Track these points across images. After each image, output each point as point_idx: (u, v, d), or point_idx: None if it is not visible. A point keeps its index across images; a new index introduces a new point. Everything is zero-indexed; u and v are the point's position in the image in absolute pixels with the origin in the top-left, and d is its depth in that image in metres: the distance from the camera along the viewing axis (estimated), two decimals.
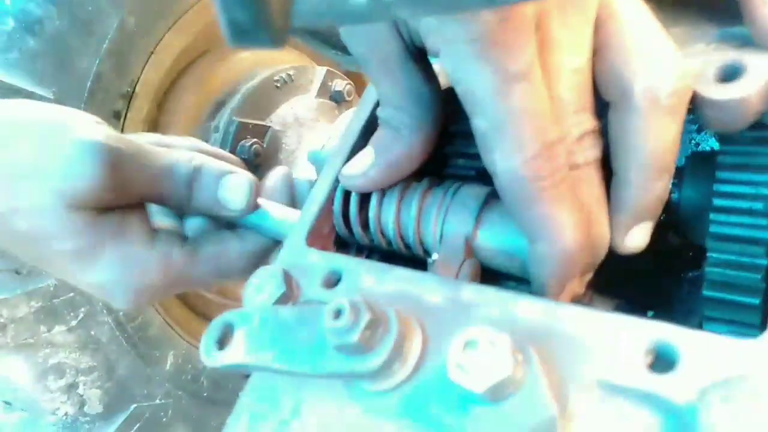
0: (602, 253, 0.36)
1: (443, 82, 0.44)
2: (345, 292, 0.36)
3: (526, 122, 0.31)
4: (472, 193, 0.39)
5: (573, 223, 0.32)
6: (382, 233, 0.42)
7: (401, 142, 0.39)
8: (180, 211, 0.54)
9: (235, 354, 0.32)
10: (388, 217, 0.41)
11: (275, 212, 0.54)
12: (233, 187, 0.51)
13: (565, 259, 0.33)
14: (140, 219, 0.51)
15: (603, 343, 0.27)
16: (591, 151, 0.34)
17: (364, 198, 0.42)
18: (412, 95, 0.38)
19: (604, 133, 0.35)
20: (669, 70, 0.32)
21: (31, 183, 0.45)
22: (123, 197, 0.49)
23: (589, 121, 0.34)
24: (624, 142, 0.34)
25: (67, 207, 0.46)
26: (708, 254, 0.39)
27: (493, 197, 0.39)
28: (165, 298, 0.52)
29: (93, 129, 0.47)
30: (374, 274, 0.35)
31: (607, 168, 0.35)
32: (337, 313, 0.28)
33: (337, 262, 0.37)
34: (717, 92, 0.32)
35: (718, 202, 0.38)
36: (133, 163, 0.48)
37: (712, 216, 0.38)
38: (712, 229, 0.38)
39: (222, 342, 0.33)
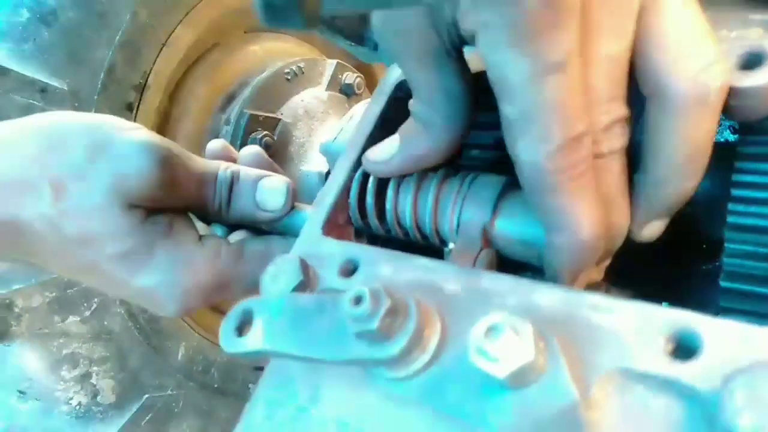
0: (620, 240, 0.36)
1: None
2: (362, 280, 0.36)
3: (555, 114, 0.30)
4: (490, 182, 0.39)
5: (591, 216, 0.32)
6: (399, 223, 0.42)
7: (429, 138, 0.39)
8: (219, 218, 0.54)
9: (254, 341, 0.32)
10: (405, 207, 0.41)
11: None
12: (270, 188, 0.53)
13: (581, 251, 0.33)
14: (187, 221, 0.52)
15: (624, 331, 0.27)
16: (618, 140, 0.33)
17: (381, 188, 0.42)
18: (444, 93, 0.37)
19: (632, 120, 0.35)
20: (713, 70, 0.31)
21: (83, 184, 0.45)
22: (171, 198, 0.49)
23: (619, 110, 0.33)
24: (658, 139, 0.33)
25: (119, 206, 0.46)
26: (725, 245, 0.38)
27: (510, 186, 0.39)
28: (208, 304, 0.51)
29: (140, 130, 0.49)
30: (392, 263, 0.35)
31: (630, 155, 0.35)
32: (358, 300, 0.28)
33: (354, 251, 0.37)
34: (739, 80, 0.31)
35: (736, 192, 0.38)
36: (181, 164, 0.49)
37: (730, 206, 0.38)
38: (730, 219, 0.38)
39: (241, 329, 0.33)
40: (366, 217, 0.43)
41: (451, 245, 0.39)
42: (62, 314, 0.87)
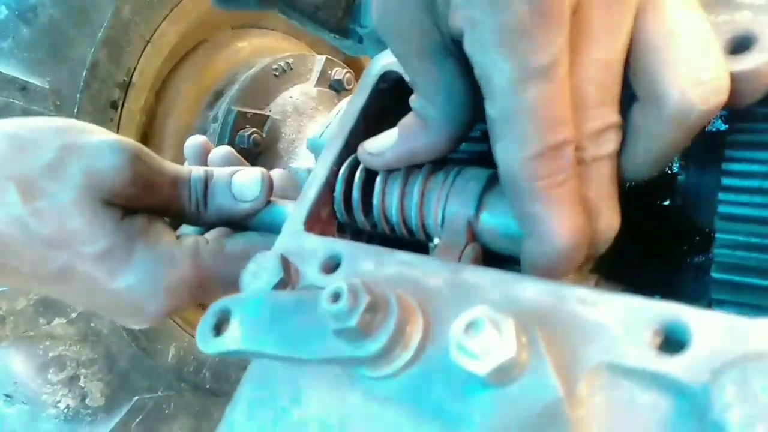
0: (605, 246, 0.35)
1: None
2: (344, 276, 0.35)
3: (534, 121, 0.30)
4: (474, 175, 0.38)
5: (568, 226, 0.31)
6: (386, 217, 0.41)
7: (428, 133, 0.38)
8: (197, 220, 0.54)
9: (232, 340, 0.31)
10: (392, 201, 0.40)
11: (289, 209, 0.54)
12: (245, 179, 0.52)
13: (552, 259, 0.32)
14: (164, 222, 0.51)
15: (610, 325, 0.26)
16: (607, 146, 0.32)
17: (367, 183, 0.42)
18: (444, 90, 0.37)
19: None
20: (705, 89, 0.30)
21: (55, 182, 0.44)
22: (145, 197, 0.48)
23: (610, 116, 0.32)
24: (640, 135, 0.33)
25: (95, 203, 0.45)
26: (716, 235, 0.38)
27: (495, 179, 0.38)
28: (190, 304, 0.49)
29: (109, 133, 0.48)
30: (374, 258, 0.34)
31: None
32: (336, 297, 0.27)
33: (336, 247, 0.37)
34: (728, 64, 0.31)
35: (727, 181, 0.37)
36: (153, 163, 0.49)
37: (720, 196, 0.37)
38: (721, 209, 0.37)
39: (219, 328, 0.32)
40: (351, 212, 0.42)
41: (436, 240, 0.38)
42: (48, 316, 0.85)
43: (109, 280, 0.46)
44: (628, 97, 0.33)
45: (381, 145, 0.40)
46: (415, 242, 0.42)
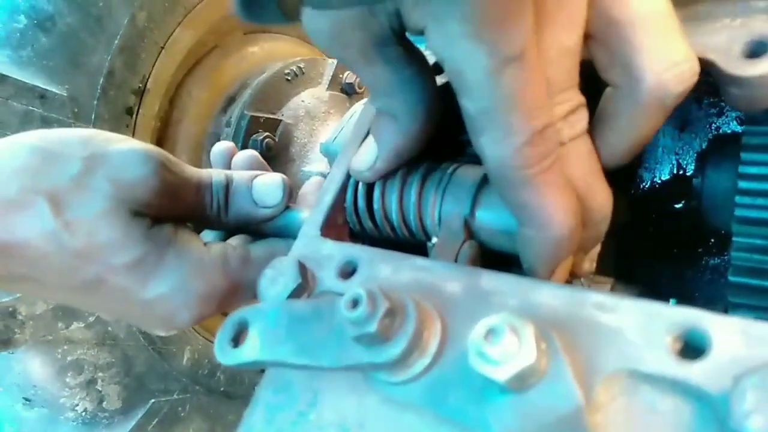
0: (604, 224, 0.35)
1: None
2: (361, 282, 0.35)
3: (517, 109, 0.29)
4: (469, 173, 0.38)
5: (562, 209, 0.31)
6: (388, 221, 0.41)
7: (399, 129, 0.38)
8: (219, 224, 0.54)
9: (250, 351, 0.32)
10: (391, 204, 0.40)
11: (304, 214, 0.54)
12: (266, 184, 0.53)
13: (553, 243, 0.32)
14: (190, 229, 0.51)
15: (629, 331, 0.26)
16: (578, 125, 0.33)
17: (370, 190, 0.42)
18: (398, 81, 0.36)
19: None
20: (679, 71, 0.30)
21: (84, 193, 0.43)
22: (171, 205, 0.48)
23: (576, 97, 0.33)
24: (615, 122, 0.33)
25: (124, 213, 0.44)
26: (733, 239, 0.37)
27: None
28: (218, 311, 0.49)
29: (133, 140, 0.48)
30: (390, 264, 0.34)
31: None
32: (355, 303, 0.28)
33: (353, 252, 0.37)
34: (743, 69, 0.31)
35: (743, 184, 0.37)
36: (177, 170, 0.49)
37: (737, 199, 0.37)
38: (738, 212, 0.37)
39: (237, 339, 0.33)
40: (360, 220, 0.43)
41: (434, 239, 0.38)
42: (66, 321, 0.86)
43: (141, 290, 0.45)
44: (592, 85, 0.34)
45: (367, 159, 0.40)
46: (418, 243, 0.42)
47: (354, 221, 0.43)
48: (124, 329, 0.92)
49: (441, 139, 0.41)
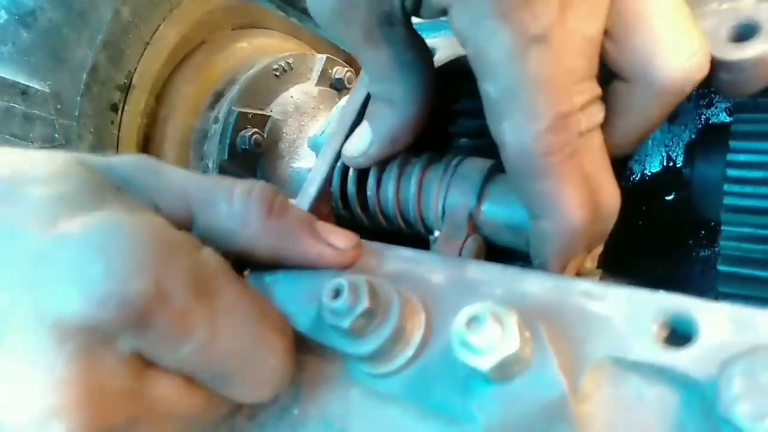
0: (611, 221, 0.34)
1: (439, 57, 0.43)
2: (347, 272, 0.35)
3: (542, 91, 0.29)
4: (475, 166, 0.38)
5: (580, 200, 0.31)
6: (382, 211, 0.41)
7: (396, 114, 0.38)
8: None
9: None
10: (388, 194, 0.40)
11: None
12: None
13: (570, 237, 0.32)
14: None
15: (615, 318, 0.26)
16: (595, 117, 0.32)
17: (362, 176, 0.41)
18: (399, 64, 0.36)
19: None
20: (697, 60, 0.30)
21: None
22: None
23: (595, 89, 0.32)
24: (630, 113, 0.33)
25: (69, 159, 0.31)
26: (722, 228, 0.37)
27: (497, 170, 0.38)
28: None
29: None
30: (375, 254, 0.34)
31: None
32: (336, 293, 0.27)
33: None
34: (731, 52, 0.30)
35: (731, 172, 0.37)
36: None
37: (726, 187, 0.37)
38: (727, 201, 0.37)
39: None
40: (349, 207, 0.42)
41: (436, 233, 0.38)
42: None
43: (42, 232, 0.27)
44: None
45: (360, 144, 0.40)
46: (414, 235, 0.41)
47: (339, 206, 0.42)
48: None
49: (430, 129, 0.40)
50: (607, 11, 0.31)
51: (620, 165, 0.54)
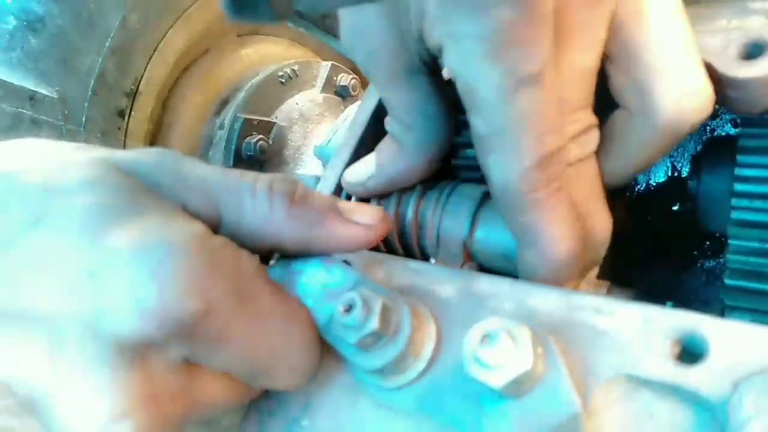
0: (603, 248, 0.34)
1: None
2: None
3: (529, 131, 0.29)
4: (467, 194, 0.38)
5: (566, 234, 0.31)
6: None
7: (404, 157, 0.38)
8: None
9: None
10: None
11: None
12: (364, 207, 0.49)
13: (557, 267, 0.32)
14: None
15: (627, 335, 0.26)
16: (588, 146, 0.33)
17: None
18: (418, 112, 0.36)
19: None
20: (696, 100, 0.30)
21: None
22: None
23: (588, 118, 0.32)
24: (626, 144, 0.33)
25: (109, 166, 0.31)
26: (729, 241, 0.37)
27: (488, 198, 0.38)
28: None
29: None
30: (385, 267, 0.34)
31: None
32: (349, 308, 0.27)
33: (347, 255, 0.36)
34: (740, 70, 0.30)
35: (739, 187, 0.37)
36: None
37: (733, 202, 0.37)
38: (734, 215, 0.37)
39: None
40: None
41: (432, 261, 0.38)
42: None
43: (88, 244, 0.27)
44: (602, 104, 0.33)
45: (361, 174, 0.40)
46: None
47: None
48: None
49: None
50: (606, 40, 0.31)
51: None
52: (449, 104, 0.37)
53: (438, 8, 0.30)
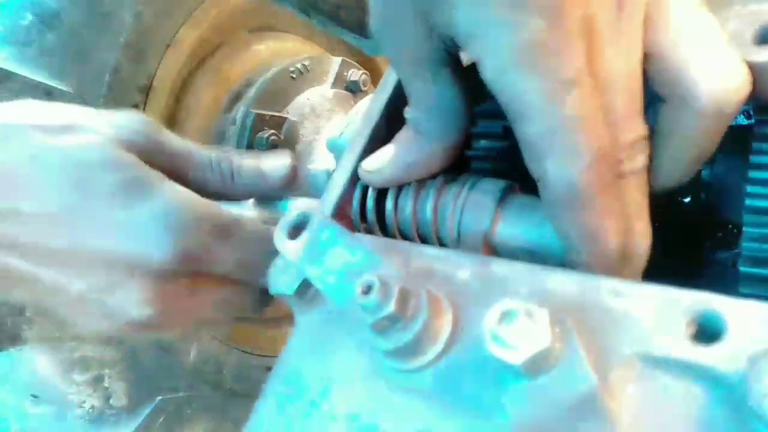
0: (641, 263, 0.34)
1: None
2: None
3: (582, 130, 0.30)
4: (489, 188, 0.38)
5: (616, 234, 0.31)
6: (399, 229, 0.41)
7: (423, 146, 0.38)
8: (220, 198, 0.52)
9: (293, 253, 0.35)
10: (405, 214, 0.40)
11: (304, 203, 0.55)
12: (274, 157, 0.55)
13: (601, 269, 0.32)
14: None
15: (643, 315, 0.26)
16: (639, 159, 0.33)
17: (381, 194, 0.42)
18: (441, 103, 0.37)
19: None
20: (734, 81, 0.31)
21: (79, 129, 0.44)
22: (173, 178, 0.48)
23: (639, 128, 0.32)
24: (675, 137, 0.33)
25: (118, 144, 0.44)
26: (744, 229, 0.37)
27: (510, 191, 0.38)
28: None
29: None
30: (402, 253, 0.34)
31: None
32: (368, 289, 0.28)
33: (363, 242, 0.37)
34: (755, 54, 0.31)
35: (754, 174, 0.37)
36: (169, 140, 0.51)
37: (748, 188, 0.37)
38: (749, 202, 0.37)
39: (294, 233, 0.36)
40: (366, 221, 0.42)
41: None
42: None
43: (127, 212, 0.43)
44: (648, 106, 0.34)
45: (379, 163, 0.40)
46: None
47: (357, 219, 0.43)
48: None
49: None
50: (641, 43, 0.32)
51: None
52: (469, 94, 0.38)
53: (468, 24, 0.31)
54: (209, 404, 1.06)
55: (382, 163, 0.40)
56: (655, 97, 0.33)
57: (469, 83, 0.37)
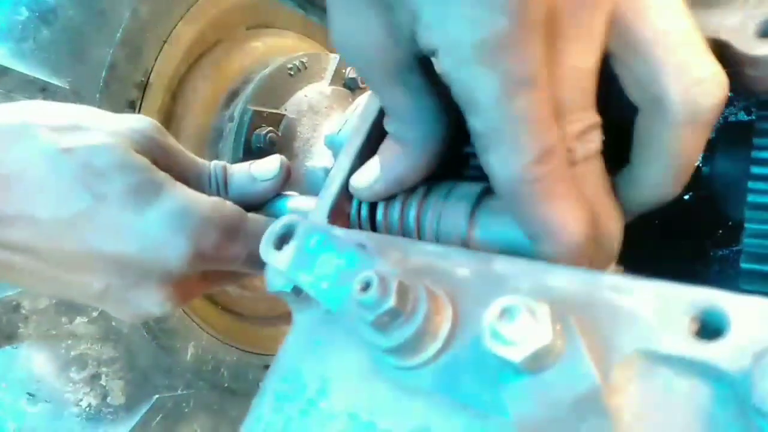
0: (615, 243, 0.34)
1: None
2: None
3: (526, 129, 0.29)
4: (464, 193, 0.38)
5: (576, 219, 0.31)
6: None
7: (406, 159, 0.38)
8: None
9: (282, 261, 0.34)
10: (392, 224, 0.40)
11: (300, 201, 0.55)
12: (265, 160, 0.56)
13: (571, 256, 0.32)
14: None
15: (645, 312, 0.26)
16: (591, 145, 0.32)
17: (373, 204, 0.42)
18: (416, 109, 0.36)
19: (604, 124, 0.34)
20: (707, 85, 0.30)
21: (88, 129, 0.45)
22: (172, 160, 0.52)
23: (590, 118, 0.32)
24: (651, 147, 0.33)
25: (126, 146, 0.46)
26: (746, 225, 0.37)
27: (486, 194, 0.37)
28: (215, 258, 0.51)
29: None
30: (400, 249, 0.34)
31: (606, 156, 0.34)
32: (366, 285, 0.27)
33: (362, 238, 0.36)
34: (758, 48, 0.30)
35: (756, 169, 0.36)
36: (173, 145, 0.53)
37: (749, 184, 0.37)
38: (750, 198, 0.37)
39: (281, 242, 0.35)
40: (361, 228, 0.42)
41: None
42: (69, 315, 0.86)
43: (137, 217, 0.45)
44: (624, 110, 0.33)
45: (368, 178, 0.40)
46: None
47: (355, 225, 0.43)
48: (128, 324, 0.92)
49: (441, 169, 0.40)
50: (604, 41, 0.31)
51: None
52: (446, 97, 0.37)
53: (431, 16, 0.30)
54: (207, 402, 1.05)
55: (372, 178, 0.39)
56: (631, 105, 0.33)
57: (446, 89, 0.36)
